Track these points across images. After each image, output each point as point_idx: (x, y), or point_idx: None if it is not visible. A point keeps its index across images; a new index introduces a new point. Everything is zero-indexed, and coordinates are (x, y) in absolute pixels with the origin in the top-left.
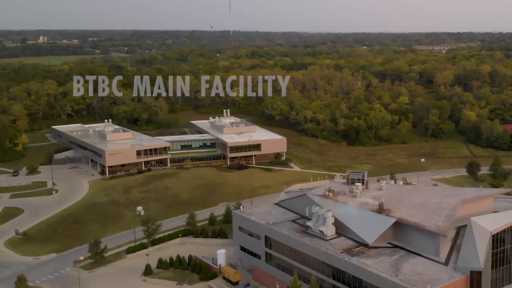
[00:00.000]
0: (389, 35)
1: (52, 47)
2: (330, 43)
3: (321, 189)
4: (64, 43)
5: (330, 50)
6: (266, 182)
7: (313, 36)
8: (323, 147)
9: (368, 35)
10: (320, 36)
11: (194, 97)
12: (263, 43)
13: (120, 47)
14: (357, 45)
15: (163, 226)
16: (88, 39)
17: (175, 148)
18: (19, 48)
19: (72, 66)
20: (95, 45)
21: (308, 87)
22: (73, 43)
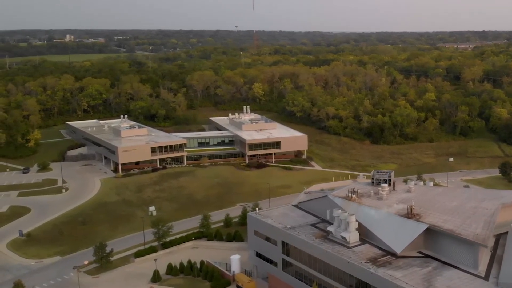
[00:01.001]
0: (413, 34)
1: (78, 45)
2: (353, 42)
3: (343, 190)
4: (90, 41)
5: (353, 48)
6: (286, 182)
7: (336, 36)
8: (346, 145)
9: (391, 34)
10: (343, 36)
11: (214, 93)
12: (287, 42)
13: (145, 45)
14: (380, 44)
15: (176, 227)
16: (114, 38)
17: (192, 145)
18: (45, 47)
19: (94, 63)
20: (121, 44)
21: (330, 83)
22: (99, 41)
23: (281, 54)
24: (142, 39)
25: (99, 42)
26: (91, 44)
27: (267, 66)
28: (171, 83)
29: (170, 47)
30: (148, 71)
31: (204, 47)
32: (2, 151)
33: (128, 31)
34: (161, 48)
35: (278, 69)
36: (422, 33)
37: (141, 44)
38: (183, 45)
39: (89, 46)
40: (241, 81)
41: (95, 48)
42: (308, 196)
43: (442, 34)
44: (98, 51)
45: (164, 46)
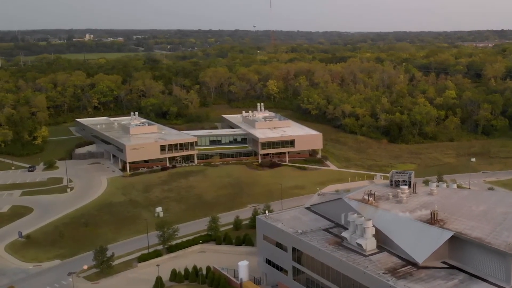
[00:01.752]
0: (430, 33)
1: (97, 44)
2: (370, 41)
3: (359, 193)
4: (109, 40)
5: (370, 46)
6: (299, 182)
7: (353, 35)
8: (362, 144)
9: (408, 34)
10: (361, 35)
11: (228, 90)
12: (304, 41)
13: (163, 45)
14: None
15: (183, 230)
16: (133, 37)
17: (203, 143)
18: (64, 45)
19: (109, 60)
20: (139, 43)
21: (347, 81)
22: (118, 40)
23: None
24: (161, 38)
25: (118, 41)
26: (110, 43)
27: (282, 63)
28: (184, 80)
29: (188, 46)
30: (161, 68)
31: (221, 45)
32: (9, 149)
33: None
34: (179, 47)
35: (293, 66)
36: (439, 32)
37: (159, 43)
38: (201, 45)
39: (108, 45)
40: (256, 78)
41: (113, 47)
42: (321, 198)
43: (460, 33)
44: (117, 50)
45: (182, 46)
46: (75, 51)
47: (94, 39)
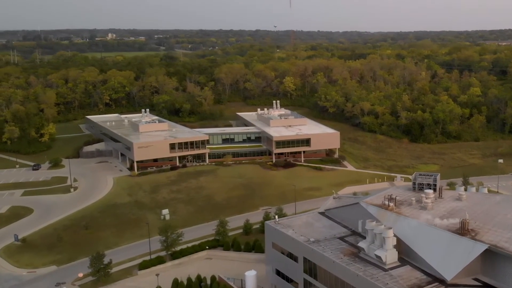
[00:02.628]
0: (451, 33)
1: (119, 43)
2: (390, 40)
3: (378, 197)
4: (130, 40)
5: (390, 44)
6: (315, 183)
7: (373, 35)
8: (382, 143)
9: (429, 33)
10: (381, 35)
11: (243, 88)
12: (324, 41)
13: (184, 44)
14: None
15: (190, 234)
16: (155, 36)
17: (215, 141)
18: (86, 44)
19: (126, 57)
20: (161, 42)
21: (366, 77)
22: (139, 40)
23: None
24: (182, 37)
25: (140, 40)
26: (132, 42)
27: (300, 60)
28: (199, 76)
29: (209, 45)
30: (176, 64)
31: (241, 44)
32: (15, 146)
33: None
34: (200, 47)
35: (311, 62)
36: (461, 31)
37: (180, 42)
38: (222, 44)
39: (130, 44)
40: (272, 75)
41: (135, 46)
42: (337, 202)
43: (481, 32)
44: (138, 49)
45: (203, 45)
46: (97, 50)
47: (116, 38)
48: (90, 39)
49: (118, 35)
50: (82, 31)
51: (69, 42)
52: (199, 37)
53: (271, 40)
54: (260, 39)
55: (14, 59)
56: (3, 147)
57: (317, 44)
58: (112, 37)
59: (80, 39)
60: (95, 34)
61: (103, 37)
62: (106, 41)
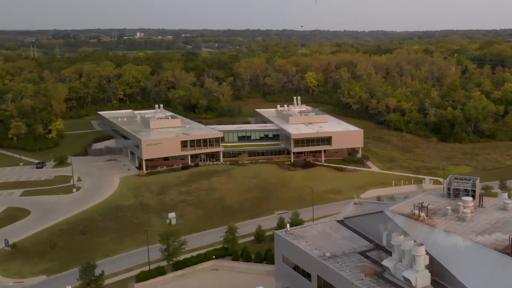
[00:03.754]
0: (479, 31)
1: (146, 42)
2: (417, 38)
3: (407, 204)
4: (158, 38)
5: (417, 42)
6: (336, 185)
7: (399, 34)
8: (409, 142)
9: (456, 32)
10: (407, 34)
11: (263, 83)
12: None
13: (211, 43)
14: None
15: (196, 241)
16: (182, 35)
17: (230, 139)
18: (114, 43)
19: (148, 53)
20: (188, 41)
21: (392, 73)
22: (167, 38)
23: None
24: (209, 36)
25: (167, 39)
26: (159, 41)
27: (323, 55)
28: (217, 71)
29: (235, 44)
30: (196, 59)
31: (266, 42)
32: (21, 143)
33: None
34: (226, 46)
35: (335, 57)
36: (489, 30)
37: (207, 41)
38: (248, 43)
39: (157, 43)
40: (293, 70)
41: (162, 44)
42: (358, 209)
43: (510, 31)
44: (165, 47)
45: (230, 44)
46: (124, 48)
47: (144, 37)
48: (118, 38)
49: (147, 34)
50: (112, 30)
51: (97, 40)
52: (226, 36)
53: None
54: (286, 38)
55: (34, 55)
56: (9, 144)
57: (342, 42)
58: (140, 36)
59: (109, 38)
60: (124, 33)
61: (131, 36)
62: (133, 39)
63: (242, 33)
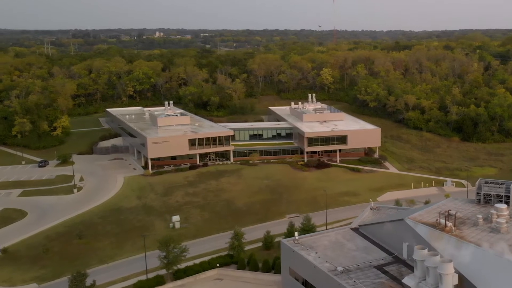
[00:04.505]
0: (499, 30)
1: (165, 41)
2: (435, 37)
3: (430, 211)
4: (177, 38)
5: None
6: (351, 187)
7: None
8: (429, 142)
9: (475, 31)
10: (426, 33)
11: (278, 80)
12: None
13: (230, 42)
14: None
15: (200, 246)
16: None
17: (241, 138)
18: (133, 42)
19: (163, 51)
20: (206, 41)
21: (411, 69)
22: (186, 38)
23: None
24: (227, 36)
25: (186, 38)
26: (178, 40)
27: (339, 52)
28: (231, 68)
29: (254, 44)
30: (209, 56)
31: (284, 41)
32: (26, 141)
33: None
34: (244, 45)
35: (351, 53)
36: (509, 29)
37: (226, 40)
38: (266, 43)
39: (176, 42)
40: (309, 66)
41: (180, 43)
42: (375, 215)
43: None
44: (184, 46)
45: (248, 43)
46: (143, 48)
47: (163, 36)
48: (137, 37)
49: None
50: (132, 30)
51: (117, 39)
52: (245, 36)
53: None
54: (304, 38)
55: (48, 52)
56: (13, 141)
57: (360, 41)
58: (159, 35)
59: (128, 37)
60: (143, 33)
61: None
62: (152, 39)
63: (261, 33)
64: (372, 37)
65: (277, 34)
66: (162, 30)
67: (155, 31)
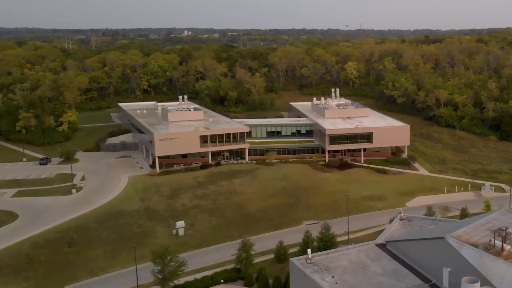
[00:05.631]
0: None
1: (193, 39)
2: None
3: (478, 228)
4: (204, 36)
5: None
6: (377, 190)
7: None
8: (463, 141)
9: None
10: (453, 32)
11: (300, 75)
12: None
13: (257, 41)
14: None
15: (204, 257)
16: (228, 33)
17: (258, 135)
18: (160, 40)
19: (184, 46)
20: (233, 39)
21: (442, 63)
22: (213, 36)
23: None
24: (255, 35)
25: (213, 37)
26: (205, 39)
27: (365, 45)
28: (251, 62)
29: (280, 43)
30: (230, 50)
31: (310, 38)
32: (30, 136)
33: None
34: (271, 44)
35: (378, 47)
36: None
37: (253, 39)
38: (293, 41)
39: (203, 41)
40: (333, 60)
41: (208, 42)
42: (406, 227)
43: None
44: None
45: (275, 42)
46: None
47: (191, 35)
48: (166, 35)
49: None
50: (161, 30)
51: (145, 38)
52: (272, 34)
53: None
54: (331, 37)
55: (69, 47)
56: (17, 137)
57: (386, 39)
58: (187, 34)
59: (157, 36)
60: (172, 32)
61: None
62: (180, 37)
63: (288, 32)
64: (399, 35)
65: (304, 33)
66: (191, 29)
67: (184, 30)
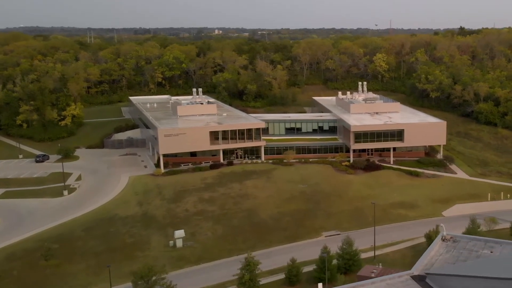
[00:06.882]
0: None
1: (222, 37)
2: None
3: None
4: (234, 35)
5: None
6: (408, 196)
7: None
8: (506, 141)
9: None
10: None
11: (325, 68)
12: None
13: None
14: None
15: (202, 276)
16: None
17: (276, 131)
18: (191, 38)
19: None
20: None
21: (480, 55)
22: (242, 35)
23: None
24: (284, 34)
25: (243, 36)
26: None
27: (395, 35)
28: (273, 54)
29: None
30: (252, 42)
31: (337, 35)
32: (31, 131)
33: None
34: None
35: (410, 38)
36: None
37: (282, 38)
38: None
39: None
40: (360, 52)
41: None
42: (450, 251)
43: None
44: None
45: None
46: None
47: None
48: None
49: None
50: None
51: (176, 37)
52: (302, 33)
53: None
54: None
55: (91, 41)
56: (17, 132)
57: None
58: (218, 33)
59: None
60: (203, 31)
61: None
62: (210, 35)
63: (317, 31)
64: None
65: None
66: (221, 28)
67: (214, 29)
